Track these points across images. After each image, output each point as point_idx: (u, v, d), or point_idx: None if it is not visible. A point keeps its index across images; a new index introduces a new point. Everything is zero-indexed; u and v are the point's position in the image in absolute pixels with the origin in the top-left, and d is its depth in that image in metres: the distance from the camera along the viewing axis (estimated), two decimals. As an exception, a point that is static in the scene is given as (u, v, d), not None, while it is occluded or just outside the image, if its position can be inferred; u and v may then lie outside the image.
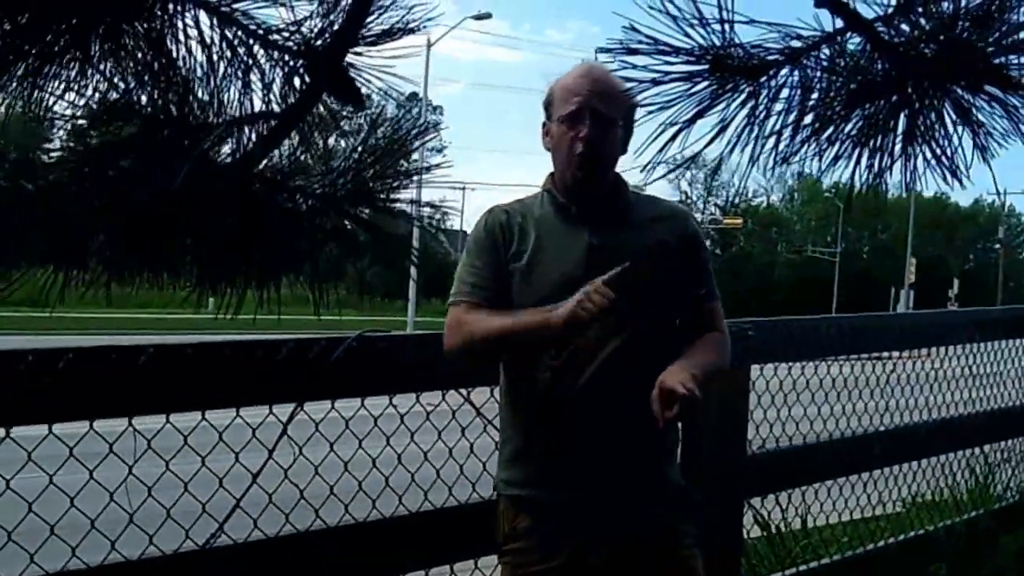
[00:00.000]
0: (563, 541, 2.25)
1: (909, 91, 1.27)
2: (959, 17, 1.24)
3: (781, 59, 1.29)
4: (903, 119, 1.30)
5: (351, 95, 1.53)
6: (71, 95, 1.50)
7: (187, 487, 2.41)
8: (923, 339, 4.41)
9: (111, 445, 2.24)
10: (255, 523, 2.44)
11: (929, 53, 1.26)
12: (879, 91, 1.27)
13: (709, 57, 1.27)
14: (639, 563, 2.27)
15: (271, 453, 2.47)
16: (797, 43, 1.30)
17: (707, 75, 1.28)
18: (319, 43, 1.49)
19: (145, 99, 1.52)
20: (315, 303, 1.64)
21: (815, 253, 57.77)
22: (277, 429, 2.45)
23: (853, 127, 1.30)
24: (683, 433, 2.60)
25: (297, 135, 1.59)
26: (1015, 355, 4.96)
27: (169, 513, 2.38)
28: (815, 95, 1.30)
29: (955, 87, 1.26)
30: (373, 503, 2.67)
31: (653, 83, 1.29)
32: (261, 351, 2.39)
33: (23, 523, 2.19)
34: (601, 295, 2.06)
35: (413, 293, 30.58)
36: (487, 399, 2.62)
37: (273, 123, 1.52)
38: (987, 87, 1.26)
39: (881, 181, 1.32)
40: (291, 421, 2.47)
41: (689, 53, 1.27)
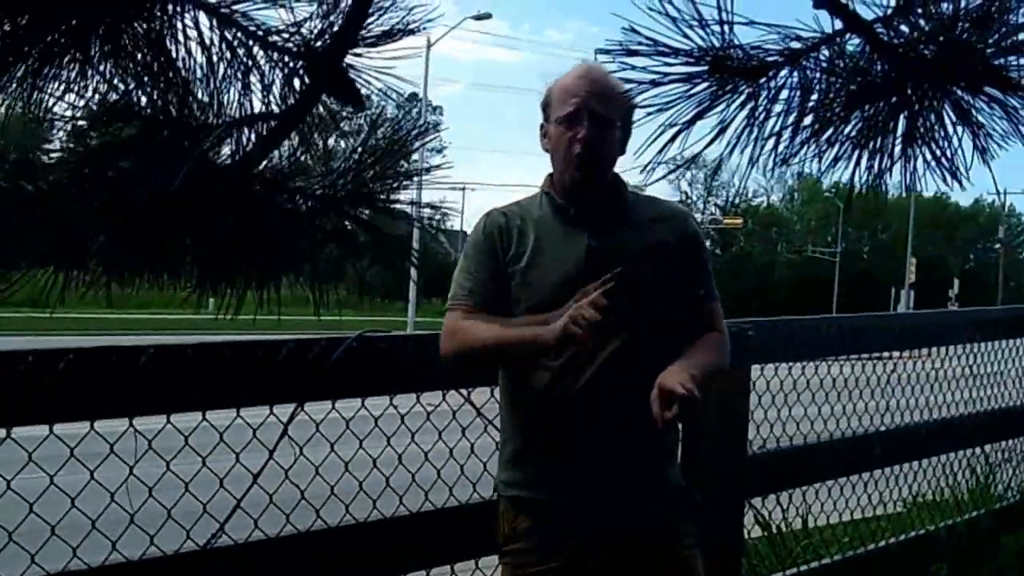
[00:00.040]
0: (563, 542, 2.24)
1: (909, 92, 1.27)
2: (959, 18, 1.24)
3: (780, 60, 1.29)
4: (903, 120, 1.30)
5: (351, 96, 1.53)
6: (71, 96, 1.50)
7: (188, 487, 2.41)
8: (923, 339, 4.41)
9: (112, 445, 2.23)
10: (256, 523, 2.44)
11: (929, 54, 1.26)
12: (879, 92, 1.27)
13: (708, 58, 1.27)
14: (639, 564, 2.26)
15: (272, 453, 2.47)
16: (796, 44, 1.29)
17: (706, 76, 1.28)
18: (319, 44, 1.49)
19: (145, 100, 1.52)
20: (315, 303, 1.64)
21: (815, 253, 57.73)
22: (278, 429, 2.45)
23: (853, 128, 1.30)
24: (683, 433, 2.60)
25: (297, 136, 1.59)
26: (1015, 355, 4.96)
27: (170, 513, 2.38)
28: (815, 96, 1.30)
29: (955, 88, 1.26)
30: (374, 503, 2.67)
31: (652, 84, 1.29)
32: (261, 351, 2.39)
33: (24, 523, 2.20)
34: (593, 310, 2.03)
35: (413, 294, 30.56)
36: (487, 399, 2.62)
37: (273, 124, 1.52)
38: (987, 88, 1.26)
39: (881, 182, 1.32)
40: (291, 421, 2.47)
41: (688, 54, 1.27)
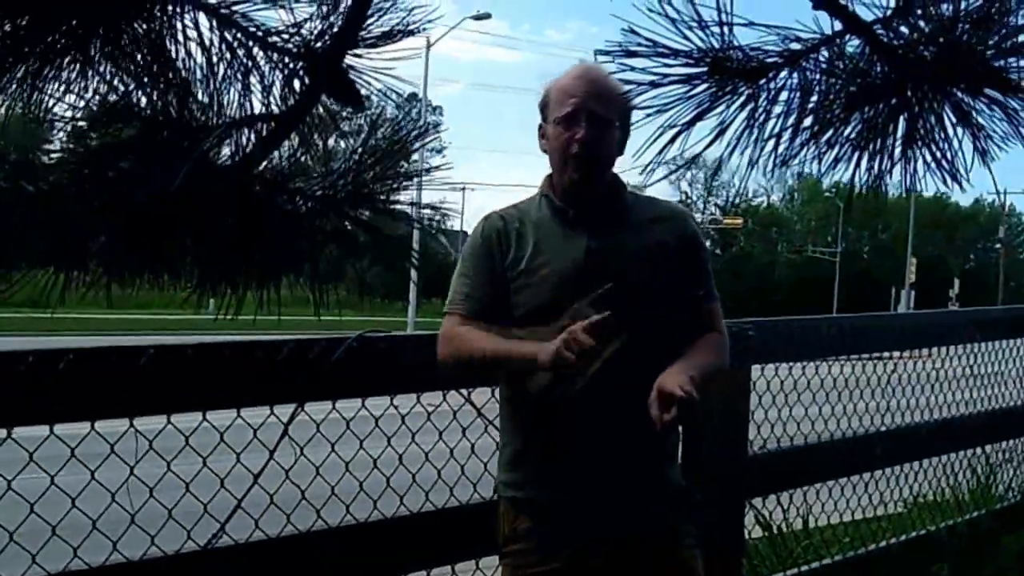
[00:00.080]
0: (563, 542, 2.24)
1: (909, 94, 1.27)
2: (959, 19, 1.24)
3: (780, 61, 1.28)
4: (903, 122, 1.30)
5: (351, 97, 1.53)
6: (71, 97, 1.50)
7: (188, 487, 2.41)
8: (924, 339, 4.40)
9: (112, 446, 2.23)
10: (256, 524, 2.44)
11: (928, 56, 1.25)
12: (878, 94, 1.27)
13: (708, 59, 1.27)
14: (639, 564, 2.26)
15: (272, 454, 2.47)
16: (796, 45, 1.29)
17: (706, 77, 1.28)
18: (319, 45, 1.49)
19: (145, 101, 1.52)
20: (315, 304, 1.64)
21: (815, 253, 57.70)
22: (278, 430, 2.45)
23: (852, 130, 1.30)
24: (684, 433, 2.60)
25: (297, 136, 1.59)
26: (1016, 355, 4.96)
27: (171, 514, 2.38)
28: (814, 98, 1.30)
29: (955, 90, 1.26)
30: (374, 503, 2.67)
31: (652, 85, 1.28)
32: (261, 352, 2.39)
33: (25, 524, 2.20)
34: (587, 336, 2.00)
35: (413, 294, 30.56)
36: (488, 400, 2.62)
37: (273, 125, 1.52)
38: (987, 90, 1.25)
39: (881, 184, 1.32)
40: (292, 422, 2.47)
41: (688, 55, 1.27)
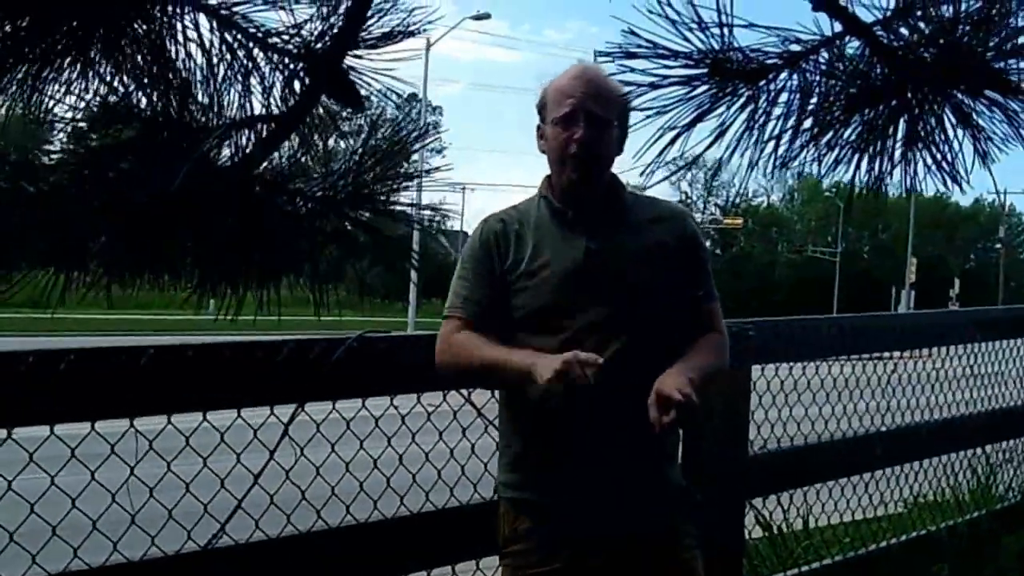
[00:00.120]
0: (563, 543, 2.24)
1: (909, 96, 1.26)
2: (959, 21, 1.24)
3: (780, 63, 1.28)
4: (903, 124, 1.30)
5: (351, 97, 1.53)
6: (71, 98, 1.50)
7: (189, 488, 2.41)
8: (924, 339, 4.40)
9: (113, 446, 2.23)
10: (257, 524, 2.44)
11: (929, 57, 1.25)
12: (879, 96, 1.27)
13: (708, 61, 1.27)
14: (639, 564, 2.26)
15: (272, 454, 2.47)
16: (796, 47, 1.29)
17: (706, 79, 1.28)
18: (319, 46, 1.49)
19: (145, 102, 1.52)
20: (315, 304, 1.64)
21: (815, 253, 57.67)
22: (278, 430, 2.45)
23: (852, 132, 1.30)
24: (684, 434, 2.60)
25: (297, 137, 1.59)
26: (1016, 355, 4.96)
27: (171, 514, 2.38)
28: (814, 99, 1.30)
29: (955, 92, 1.26)
30: (375, 504, 2.67)
31: (652, 87, 1.28)
32: (261, 352, 2.39)
33: (25, 524, 2.20)
34: (586, 370, 1.99)
35: (413, 295, 30.56)
36: (488, 400, 2.62)
37: (273, 126, 1.52)
38: (987, 92, 1.25)
39: (881, 185, 1.32)
40: (292, 422, 2.47)
41: (688, 57, 1.27)
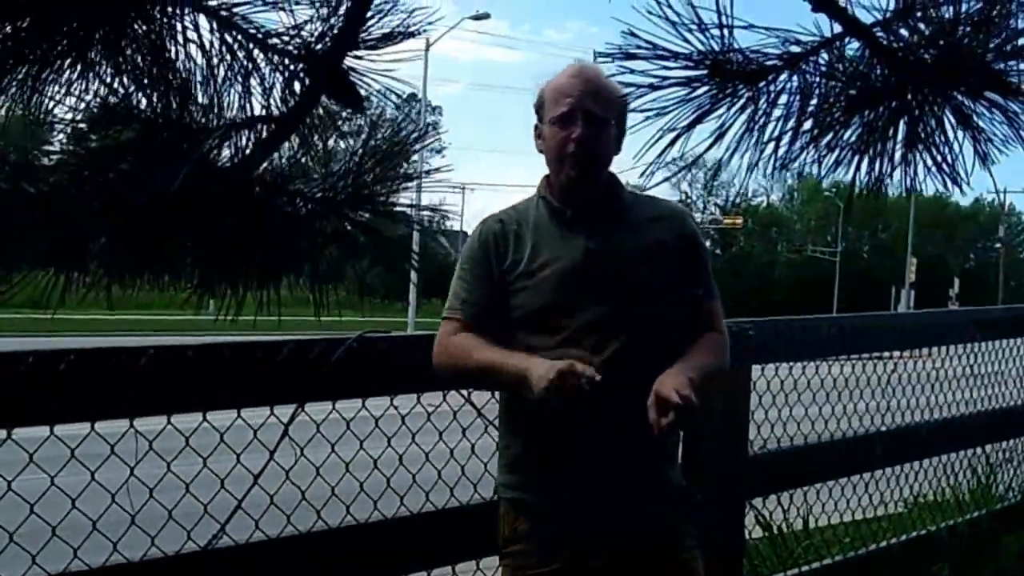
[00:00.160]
0: (563, 543, 2.24)
1: (909, 97, 1.26)
2: (959, 22, 1.23)
3: (780, 64, 1.28)
4: (903, 125, 1.29)
5: (351, 98, 1.53)
6: (71, 99, 1.50)
7: (188, 488, 2.41)
8: (924, 339, 4.40)
9: (112, 446, 2.23)
10: (257, 524, 2.44)
11: (929, 59, 1.25)
12: (879, 97, 1.27)
13: (708, 62, 1.27)
14: (639, 564, 2.26)
15: (272, 454, 2.47)
16: (796, 48, 1.29)
17: (706, 80, 1.28)
18: (319, 47, 1.49)
19: (145, 103, 1.52)
20: (315, 304, 1.64)
21: (815, 253, 57.64)
22: (278, 430, 2.45)
23: (852, 134, 1.29)
24: (684, 434, 2.60)
25: (297, 138, 1.59)
26: (1016, 354, 4.96)
27: (171, 514, 2.38)
28: (814, 101, 1.30)
29: (955, 93, 1.25)
30: (375, 504, 2.67)
31: (651, 88, 1.28)
32: (261, 352, 2.39)
33: (25, 524, 2.20)
34: (582, 380, 2.00)
35: (413, 295, 30.55)
36: (488, 400, 2.62)
37: (273, 127, 1.52)
38: (987, 93, 1.25)
39: (881, 187, 1.32)
40: (292, 422, 2.47)
41: (688, 58, 1.27)
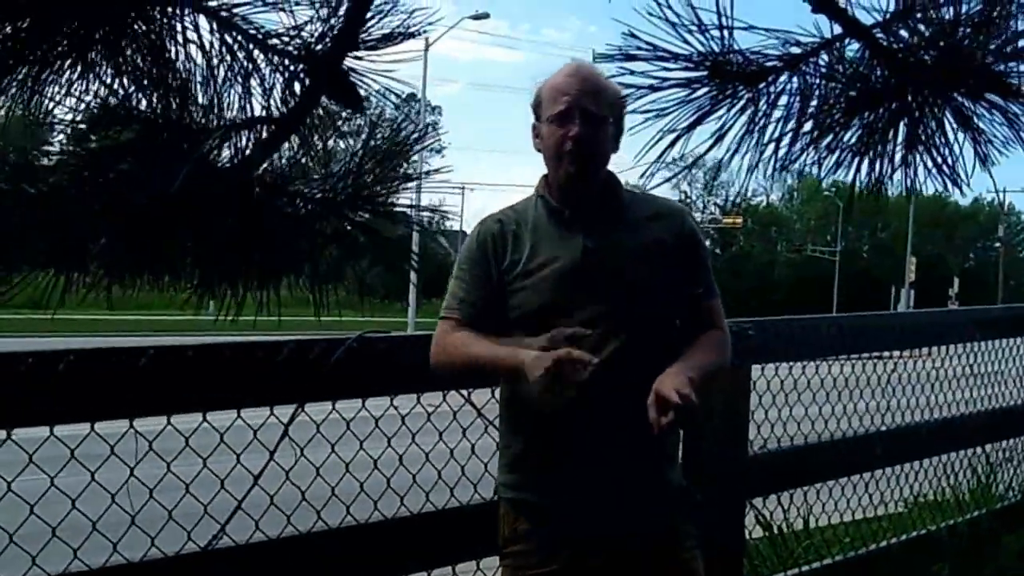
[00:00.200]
0: (562, 543, 2.24)
1: (909, 99, 1.26)
2: (959, 23, 1.23)
3: (780, 65, 1.28)
4: (903, 127, 1.29)
5: (351, 99, 1.53)
6: (71, 99, 1.50)
7: (188, 489, 2.41)
8: (924, 338, 4.40)
9: (112, 447, 2.23)
10: (257, 524, 2.44)
11: (929, 60, 1.25)
12: (879, 98, 1.26)
13: (708, 63, 1.26)
14: (639, 564, 2.26)
15: (272, 454, 2.47)
16: (796, 49, 1.29)
17: (706, 81, 1.27)
18: (319, 48, 1.49)
19: (145, 104, 1.52)
20: (315, 304, 1.64)
21: (815, 252, 57.63)
22: (278, 430, 2.45)
23: (852, 135, 1.29)
24: (684, 433, 2.60)
25: (297, 138, 1.59)
26: (1016, 354, 4.96)
27: (171, 515, 2.38)
28: (814, 102, 1.29)
29: (955, 94, 1.25)
30: (375, 504, 2.67)
31: (651, 89, 1.28)
32: (261, 352, 2.39)
33: (25, 525, 2.20)
34: (575, 366, 2.00)
35: (413, 296, 30.56)
36: (488, 400, 2.62)
37: (273, 127, 1.52)
38: (987, 95, 1.25)
39: (881, 188, 1.32)
40: (292, 422, 2.47)
41: (688, 59, 1.26)
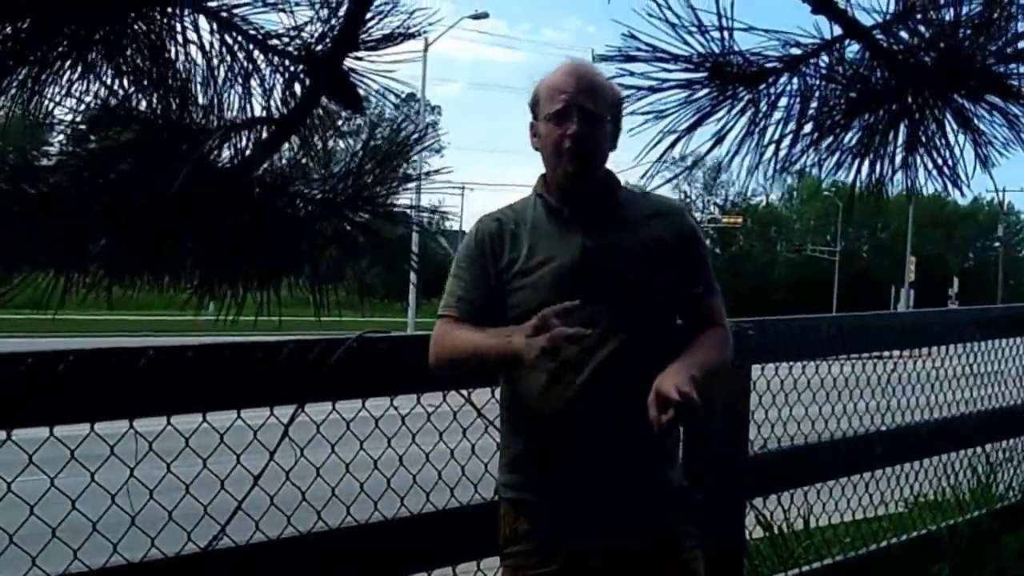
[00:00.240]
0: (562, 544, 2.24)
1: (909, 100, 1.26)
2: (959, 25, 1.23)
3: (780, 67, 1.28)
4: (904, 128, 1.29)
5: (351, 99, 1.53)
6: (71, 100, 1.50)
7: (188, 489, 2.41)
8: (924, 338, 4.40)
9: (112, 447, 2.23)
10: (257, 525, 2.44)
11: (929, 61, 1.25)
12: (879, 100, 1.26)
13: (708, 64, 1.26)
14: (639, 564, 2.26)
15: (272, 455, 2.47)
16: (796, 50, 1.28)
17: (706, 82, 1.27)
18: (319, 48, 1.49)
19: (145, 104, 1.52)
20: (315, 305, 1.64)
21: (815, 252, 57.62)
22: (278, 431, 2.45)
23: (853, 137, 1.29)
24: (684, 433, 2.60)
25: (297, 139, 1.59)
26: (1015, 353, 4.96)
27: (171, 515, 2.38)
28: (814, 103, 1.29)
29: (956, 96, 1.25)
30: (375, 505, 2.67)
31: (651, 90, 1.28)
32: (261, 352, 2.39)
33: (25, 526, 2.19)
34: (554, 340, 1.98)
35: (413, 296, 30.56)
36: (488, 400, 2.62)
37: (273, 128, 1.52)
38: (988, 96, 1.24)
39: (882, 189, 1.32)
40: (292, 423, 2.47)
41: (688, 60, 1.26)
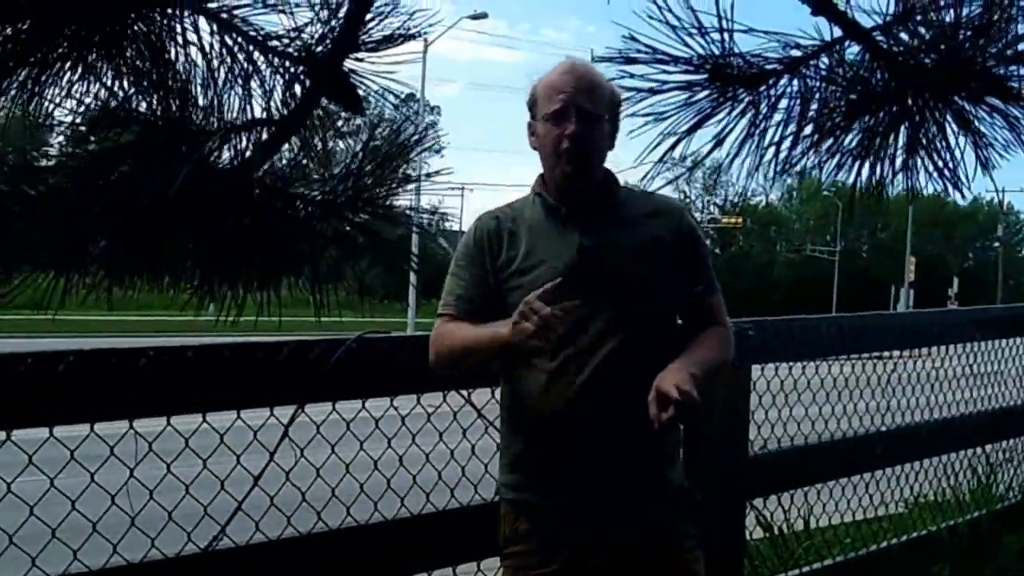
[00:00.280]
0: (563, 544, 2.24)
1: (909, 102, 1.26)
2: (960, 27, 1.23)
3: (780, 68, 1.28)
4: (904, 131, 1.29)
5: (351, 100, 1.53)
6: (71, 101, 1.50)
7: (188, 489, 2.41)
8: (923, 338, 4.40)
9: (112, 448, 2.23)
10: (257, 525, 2.44)
11: (929, 63, 1.25)
12: (879, 102, 1.26)
13: (708, 66, 1.26)
14: (639, 565, 2.26)
15: (272, 455, 2.47)
16: (796, 52, 1.28)
17: (706, 84, 1.27)
18: (319, 49, 1.49)
19: (145, 106, 1.52)
20: (315, 305, 1.65)
21: (814, 252, 57.60)
22: (278, 431, 2.45)
23: (853, 139, 1.29)
24: (685, 433, 2.60)
25: (297, 140, 1.59)
26: (1015, 354, 4.95)
27: (171, 516, 2.38)
28: (815, 105, 1.29)
29: (956, 98, 1.25)
30: (375, 505, 2.67)
31: (651, 92, 1.28)
32: (261, 353, 2.39)
33: (24, 526, 2.19)
34: (541, 303, 2.00)
35: (413, 296, 30.57)
36: (488, 400, 2.62)
37: (273, 129, 1.52)
38: (988, 98, 1.24)
39: (882, 191, 1.32)
40: (292, 423, 2.47)
41: (688, 62, 1.26)
